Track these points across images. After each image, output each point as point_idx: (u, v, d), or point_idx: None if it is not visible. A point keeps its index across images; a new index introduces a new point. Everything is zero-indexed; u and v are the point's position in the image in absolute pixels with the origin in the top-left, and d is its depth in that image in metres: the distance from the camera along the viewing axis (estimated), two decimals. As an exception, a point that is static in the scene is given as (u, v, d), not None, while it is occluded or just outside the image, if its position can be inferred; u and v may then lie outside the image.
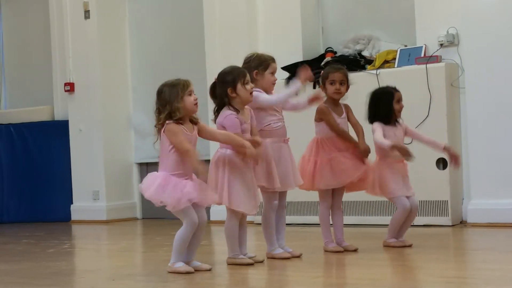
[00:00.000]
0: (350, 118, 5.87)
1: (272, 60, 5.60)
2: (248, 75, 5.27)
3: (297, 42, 8.49)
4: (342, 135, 5.78)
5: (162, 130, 4.98)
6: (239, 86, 5.18)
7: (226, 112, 5.19)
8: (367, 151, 5.81)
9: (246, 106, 5.28)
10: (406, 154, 5.64)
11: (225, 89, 5.20)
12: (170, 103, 4.93)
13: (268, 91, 5.57)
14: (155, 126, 5.06)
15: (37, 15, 10.88)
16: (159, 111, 5.00)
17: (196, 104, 5.03)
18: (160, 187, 4.90)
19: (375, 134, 5.77)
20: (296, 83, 5.44)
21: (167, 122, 4.94)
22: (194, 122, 5.07)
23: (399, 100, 5.92)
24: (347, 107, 5.92)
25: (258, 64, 5.53)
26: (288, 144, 5.59)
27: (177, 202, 4.89)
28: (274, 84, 5.62)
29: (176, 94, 4.94)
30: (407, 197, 5.90)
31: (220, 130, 5.20)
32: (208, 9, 8.84)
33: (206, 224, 5.18)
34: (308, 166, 5.76)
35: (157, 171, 5.06)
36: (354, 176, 5.73)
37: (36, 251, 7.06)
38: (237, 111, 5.19)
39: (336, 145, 5.78)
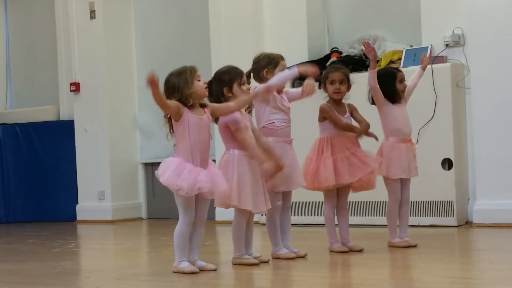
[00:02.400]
0: (355, 116, 5.87)
1: (281, 58, 5.62)
2: (245, 75, 5.27)
3: (302, 42, 8.51)
4: (347, 128, 5.78)
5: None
6: (235, 86, 5.19)
7: None
8: (367, 127, 5.80)
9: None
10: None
11: (221, 88, 5.22)
12: (180, 90, 4.93)
13: (280, 88, 5.58)
14: (165, 117, 5.04)
15: (43, 15, 10.90)
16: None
17: (206, 87, 5.04)
18: (175, 172, 4.89)
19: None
20: (293, 70, 5.42)
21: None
22: (203, 106, 5.06)
23: (402, 80, 5.96)
24: (351, 106, 5.91)
25: (268, 63, 5.55)
26: (292, 145, 5.58)
27: (191, 188, 4.87)
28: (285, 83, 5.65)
29: (185, 81, 4.94)
30: (403, 185, 5.91)
31: (224, 129, 5.19)
32: (214, 9, 8.85)
33: (205, 221, 5.16)
34: (311, 165, 5.76)
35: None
36: (358, 176, 5.72)
37: (42, 251, 7.07)
38: None
39: (340, 143, 5.77)
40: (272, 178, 5.33)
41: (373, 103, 5.97)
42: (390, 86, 5.91)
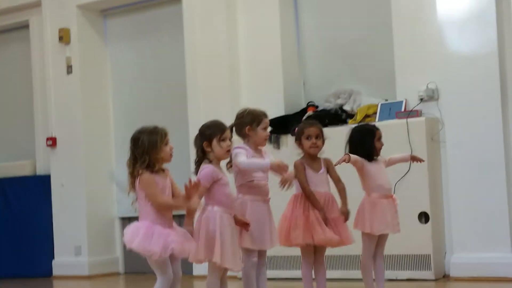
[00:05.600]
0: (331, 174, 5.86)
1: (264, 115, 5.61)
2: (227, 132, 5.25)
3: (279, 96, 8.56)
4: (309, 197, 5.72)
5: (137, 180, 4.88)
6: (214, 142, 5.17)
7: (203, 166, 5.19)
8: (346, 215, 5.79)
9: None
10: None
11: (201, 142, 5.22)
12: (149, 153, 4.87)
13: (260, 145, 5.59)
14: (130, 174, 4.92)
15: (19, 69, 10.89)
16: (135, 160, 4.89)
17: (171, 154, 4.99)
18: (145, 237, 4.81)
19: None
20: (267, 163, 5.33)
21: (140, 172, 4.86)
22: (163, 169, 5.00)
23: (380, 138, 5.98)
24: (327, 161, 5.90)
25: (251, 120, 5.54)
26: (269, 203, 5.55)
27: (164, 251, 4.80)
28: (266, 139, 5.62)
29: (155, 144, 4.87)
30: (382, 240, 5.92)
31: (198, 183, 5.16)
32: (190, 62, 8.91)
33: (181, 277, 5.11)
34: (286, 223, 5.73)
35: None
36: (329, 238, 5.69)
37: (17, 310, 6.98)
38: (210, 162, 5.19)
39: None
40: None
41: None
42: (369, 144, 5.93)
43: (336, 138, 6.06)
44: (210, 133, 5.19)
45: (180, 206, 4.95)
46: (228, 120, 5.53)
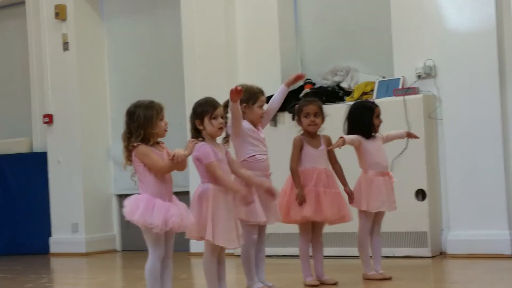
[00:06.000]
0: (329, 153, 5.88)
1: (261, 93, 5.62)
2: (219, 109, 5.20)
3: (276, 73, 8.53)
4: (292, 174, 5.77)
5: (133, 154, 4.84)
6: (206, 120, 5.13)
7: (198, 144, 5.15)
8: (352, 195, 5.88)
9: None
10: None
11: (194, 120, 5.19)
12: (144, 127, 4.82)
13: (256, 123, 5.58)
14: (125, 147, 4.85)
15: (16, 47, 10.87)
16: (130, 133, 4.84)
17: (166, 130, 4.93)
18: (146, 209, 4.76)
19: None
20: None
21: (135, 144, 4.81)
22: (158, 142, 4.95)
23: (378, 115, 5.99)
24: (327, 139, 5.92)
25: (248, 98, 5.53)
26: (270, 179, 5.57)
27: (165, 224, 4.76)
28: (262, 117, 5.63)
29: (150, 119, 4.82)
30: (378, 218, 5.94)
31: (197, 163, 5.15)
32: (188, 40, 8.88)
33: (172, 254, 5.08)
34: (285, 199, 5.76)
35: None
36: (330, 214, 5.72)
37: (14, 287, 6.98)
38: (204, 140, 5.16)
39: (313, 177, 5.77)
40: (249, 205, 5.31)
41: (348, 134, 5.96)
42: (367, 120, 5.94)
43: (334, 115, 6.07)
44: (202, 110, 5.15)
45: (182, 159, 4.84)
46: (225, 97, 5.50)
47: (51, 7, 9.95)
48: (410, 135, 6.33)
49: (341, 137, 5.78)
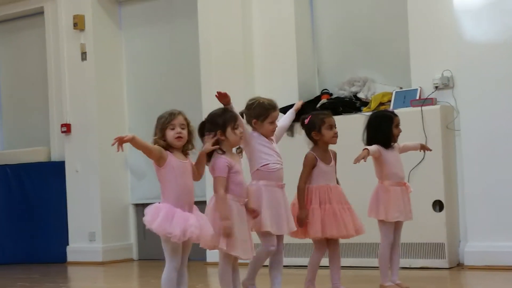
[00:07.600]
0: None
1: (273, 108, 5.55)
2: (239, 119, 5.24)
3: (293, 83, 8.54)
4: (299, 193, 5.69)
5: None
6: (228, 130, 5.15)
7: (215, 156, 5.16)
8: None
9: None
10: None
11: (214, 131, 5.18)
12: (158, 131, 4.89)
13: (267, 137, 5.57)
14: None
15: (34, 56, 10.94)
16: (154, 133, 4.92)
17: (177, 137, 4.89)
18: (165, 218, 4.78)
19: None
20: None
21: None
22: (185, 153, 4.99)
23: (398, 124, 5.96)
24: (335, 154, 5.86)
25: (259, 114, 5.50)
26: (284, 189, 5.54)
27: (183, 234, 4.77)
28: (273, 131, 5.60)
29: (162, 125, 4.87)
30: (397, 228, 5.91)
31: (213, 173, 5.15)
32: (205, 50, 8.90)
33: (187, 265, 5.08)
34: (314, 215, 5.64)
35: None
36: (344, 233, 5.67)
37: (31, 295, 7.02)
38: (224, 153, 5.17)
39: (329, 195, 5.72)
40: (255, 218, 5.29)
41: (367, 143, 5.95)
42: (387, 130, 5.92)
43: (351, 126, 6.06)
44: (224, 121, 5.15)
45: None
46: (242, 106, 5.54)
47: (70, 17, 10.02)
48: (423, 147, 6.31)
49: (365, 148, 5.76)
